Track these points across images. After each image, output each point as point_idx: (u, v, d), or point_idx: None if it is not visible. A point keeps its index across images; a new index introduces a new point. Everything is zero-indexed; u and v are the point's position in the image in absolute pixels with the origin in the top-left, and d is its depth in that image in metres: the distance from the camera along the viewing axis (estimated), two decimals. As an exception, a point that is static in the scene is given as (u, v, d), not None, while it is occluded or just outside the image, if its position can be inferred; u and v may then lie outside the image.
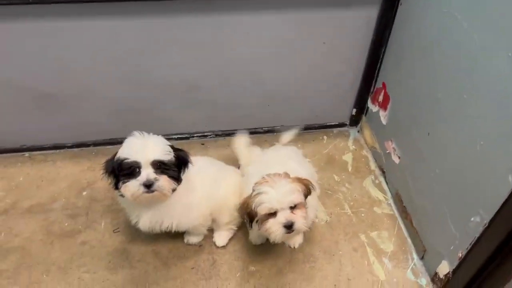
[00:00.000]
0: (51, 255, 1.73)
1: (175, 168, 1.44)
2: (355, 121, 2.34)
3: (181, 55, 1.86)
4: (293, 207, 1.37)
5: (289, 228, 1.35)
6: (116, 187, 1.43)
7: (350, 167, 2.17)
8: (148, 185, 1.36)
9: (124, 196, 1.41)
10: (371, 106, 2.18)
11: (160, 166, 1.39)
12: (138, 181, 1.36)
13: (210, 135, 2.25)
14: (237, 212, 1.62)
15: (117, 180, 1.41)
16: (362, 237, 1.84)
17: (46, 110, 1.96)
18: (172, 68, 1.90)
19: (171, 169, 1.42)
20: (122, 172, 1.38)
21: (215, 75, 1.97)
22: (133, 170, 1.37)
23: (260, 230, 1.42)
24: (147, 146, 1.39)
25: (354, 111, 2.29)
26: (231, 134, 2.24)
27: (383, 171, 2.10)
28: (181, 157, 1.48)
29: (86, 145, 2.16)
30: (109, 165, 1.42)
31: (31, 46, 1.72)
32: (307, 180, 1.46)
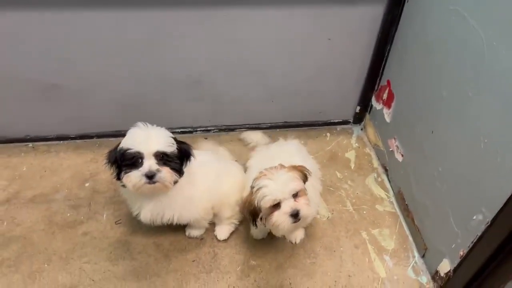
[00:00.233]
0: (53, 245, 1.73)
1: (178, 160, 1.44)
2: (359, 119, 2.34)
3: (187, 49, 1.86)
4: (295, 196, 1.37)
5: (296, 217, 1.35)
6: (118, 178, 1.43)
7: (353, 165, 2.16)
8: (150, 176, 1.36)
9: (126, 187, 1.41)
10: (375, 104, 2.17)
11: (163, 158, 1.39)
12: (140, 172, 1.36)
13: (214, 130, 2.25)
14: (240, 212, 1.61)
15: (120, 171, 1.41)
16: (364, 234, 1.84)
17: (51, 102, 1.97)
18: (177, 62, 1.90)
19: (174, 161, 1.42)
20: (125, 163, 1.38)
21: (220, 70, 1.97)
22: (136, 161, 1.37)
23: (267, 226, 1.42)
24: (150, 137, 1.39)
25: (358, 109, 2.28)
26: (235, 129, 2.26)
27: (386, 169, 2.09)
28: (184, 150, 1.48)
29: (90, 137, 2.17)
30: (112, 155, 1.43)
31: (36, 37, 1.72)
32: (302, 167, 1.46)
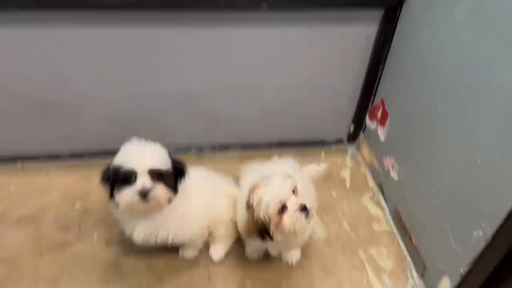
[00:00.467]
0: (40, 268, 1.67)
1: (172, 178, 1.41)
2: (353, 138, 2.33)
3: (181, 67, 1.85)
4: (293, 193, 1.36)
5: (305, 210, 1.33)
6: (111, 196, 1.39)
7: (348, 184, 2.14)
8: (144, 194, 1.32)
9: (119, 206, 1.37)
10: (369, 123, 2.17)
11: (157, 175, 1.35)
12: (134, 189, 1.32)
13: (207, 149, 2.23)
14: (247, 236, 1.52)
15: (113, 189, 1.37)
16: (361, 254, 1.80)
17: (42, 119, 1.93)
18: (172, 80, 1.89)
19: (168, 178, 1.39)
20: (117, 180, 1.33)
21: (214, 88, 1.96)
22: (129, 178, 1.32)
23: (284, 234, 1.36)
24: (144, 154, 1.35)
25: (352, 128, 2.28)
26: (229, 148, 2.24)
27: (382, 188, 2.08)
28: (179, 167, 1.45)
29: (81, 156, 2.12)
30: (106, 173, 1.39)
31: (29, 53, 1.70)
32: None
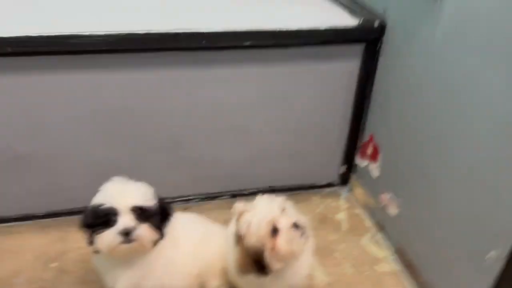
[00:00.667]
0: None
1: (158, 217, 1.29)
2: (345, 180, 2.25)
3: (164, 112, 1.80)
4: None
5: (298, 227, 1.23)
6: (91, 243, 1.25)
7: (345, 226, 2.03)
8: (126, 233, 1.20)
9: (99, 252, 1.24)
10: (360, 161, 2.12)
11: (141, 213, 1.24)
12: (115, 230, 1.20)
13: (194, 199, 2.11)
14: (241, 273, 1.38)
15: (92, 232, 1.24)
16: (367, 298, 1.66)
17: (15, 175, 1.81)
18: (155, 126, 1.83)
19: (153, 217, 1.27)
20: (97, 222, 1.22)
21: (199, 132, 1.90)
22: (109, 219, 1.21)
23: (282, 259, 1.23)
24: (127, 191, 1.26)
25: (343, 169, 2.21)
26: (216, 197, 2.13)
27: (381, 227, 1.97)
28: (164, 207, 1.34)
29: (58, 215, 1.97)
30: (85, 217, 1.27)
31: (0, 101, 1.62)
32: None
